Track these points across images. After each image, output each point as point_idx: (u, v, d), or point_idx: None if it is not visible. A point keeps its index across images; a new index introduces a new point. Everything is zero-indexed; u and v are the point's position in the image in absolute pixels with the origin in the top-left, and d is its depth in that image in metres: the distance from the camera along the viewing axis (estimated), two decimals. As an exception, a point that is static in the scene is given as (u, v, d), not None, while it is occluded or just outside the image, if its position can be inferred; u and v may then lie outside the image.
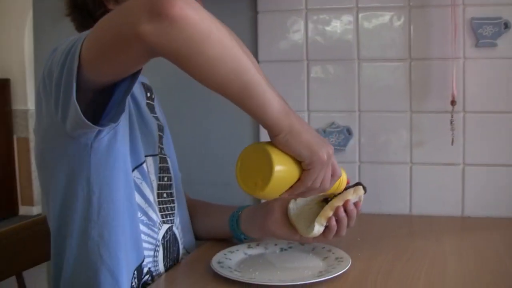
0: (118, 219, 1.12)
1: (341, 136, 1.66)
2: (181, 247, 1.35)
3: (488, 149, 1.59)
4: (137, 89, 1.28)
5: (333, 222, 1.21)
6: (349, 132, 1.66)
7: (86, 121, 0.98)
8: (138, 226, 1.17)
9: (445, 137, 1.58)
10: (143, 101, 1.30)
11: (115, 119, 1.04)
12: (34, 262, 1.43)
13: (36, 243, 1.41)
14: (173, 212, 1.32)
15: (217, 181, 1.74)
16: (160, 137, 1.33)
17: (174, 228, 1.32)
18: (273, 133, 1.01)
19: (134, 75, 1.01)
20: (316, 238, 1.24)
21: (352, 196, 1.23)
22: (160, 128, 1.33)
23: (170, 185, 1.33)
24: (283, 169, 1.01)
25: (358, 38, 1.65)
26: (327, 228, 1.22)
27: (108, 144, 1.08)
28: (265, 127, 1.01)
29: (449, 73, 1.57)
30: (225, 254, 1.29)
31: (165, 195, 1.31)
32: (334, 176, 1.09)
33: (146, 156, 1.23)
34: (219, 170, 1.71)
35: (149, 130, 1.27)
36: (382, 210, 1.66)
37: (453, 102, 1.55)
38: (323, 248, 1.30)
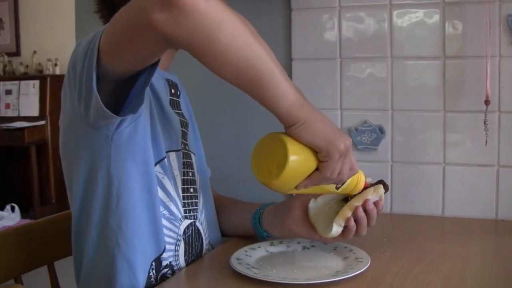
0: (137, 210, 1.15)
1: (373, 135, 1.64)
2: (205, 242, 1.37)
3: (524, 150, 1.54)
4: (160, 86, 1.30)
5: (352, 223, 1.20)
6: (381, 131, 1.64)
7: (106, 110, 1.02)
8: (159, 219, 1.19)
9: (479, 138, 1.54)
10: (166, 97, 1.31)
11: (134, 110, 1.07)
12: (66, 253, 1.47)
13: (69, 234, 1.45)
14: (196, 208, 1.34)
15: (247, 179, 1.74)
16: (184, 133, 1.34)
17: (198, 224, 1.34)
18: (286, 124, 1.01)
19: (153, 66, 1.04)
20: (335, 238, 1.23)
21: (372, 195, 1.21)
22: (184, 124, 1.34)
23: (194, 181, 1.35)
24: (298, 159, 1.01)
25: (392, 36, 1.62)
26: (345, 228, 1.21)
27: (128, 136, 1.11)
28: (279, 117, 1.01)
29: (484, 71, 1.52)
30: (246, 251, 1.30)
31: (190, 190, 1.32)
32: (352, 169, 1.08)
33: (168, 151, 1.25)
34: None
35: (171, 125, 1.28)
36: (414, 211, 1.63)
37: (487, 102, 1.51)
38: (345, 247, 1.29)
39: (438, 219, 1.60)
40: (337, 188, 1.15)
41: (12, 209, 4.54)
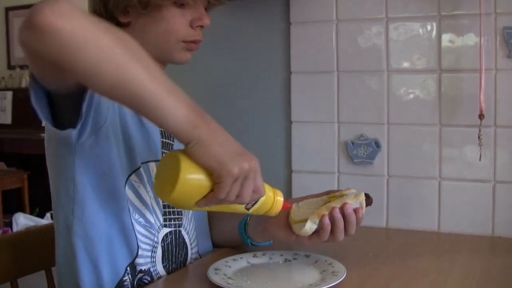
0: (103, 218, 1.19)
1: (369, 148, 1.63)
2: (191, 251, 1.38)
3: (521, 165, 1.51)
4: None
5: (326, 221, 1.19)
6: (377, 144, 1.62)
7: (46, 122, 1.06)
8: (128, 225, 1.22)
9: (475, 152, 1.51)
10: None
11: (72, 124, 1.09)
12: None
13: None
14: (180, 216, 1.35)
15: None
16: (166, 144, 1.35)
17: (183, 232, 1.35)
18: (181, 142, 1.00)
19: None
20: (311, 239, 1.23)
21: (352, 200, 1.21)
22: (166, 135, 1.36)
23: None
24: (190, 177, 0.99)
25: (388, 49, 1.61)
26: (320, 228, 1.20)
27: (90, 147, 1.15)
28: (172, 135, 1.02)
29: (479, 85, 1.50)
30: (226, 262, 1.30)
31: None
32: (256, 192, 1.05)
33: (146, 162, 1.28)
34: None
35: (150, 137, 1.30)
36: (410, 226, 1.61)
37: (481, 116, 1.48)
38: (325, 261, 1.29)
39: (433, 235, 1.57)
40: (247, 209, 1.13)
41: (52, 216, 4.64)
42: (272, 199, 1.15)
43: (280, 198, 1.16)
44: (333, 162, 1.69)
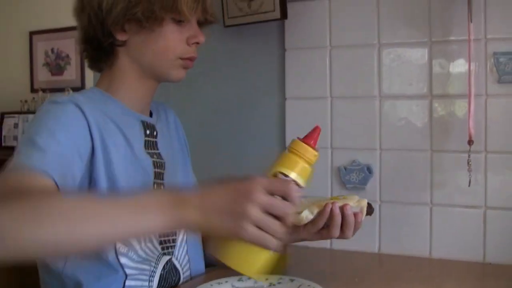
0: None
1: (361, 174, 1.63)
2: (183, 275, 1.39)
3: (512, 191, 1.50)
4: (134, 129, 1.33)
5: (327, 209, 1.21)
6: (369, 170, 1.63)
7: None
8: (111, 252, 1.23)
9: (465, 178, 1.51)
10: (140, 140, 1.34)
11: None
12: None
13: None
14: (173, 244, 1.37)
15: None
16: (158, 174, 1.36)
17: (174, 260, 1.37)
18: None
19: None
20: (305, 229, 1.25)
21: (354, 203, 1.23)
22: (158, 165, 1.36)
23: None
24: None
25: (380, 75, 1.62)
26: (318, 218, 1.22)
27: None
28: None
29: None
30: (211, 285, 1.31)
31: None
32: (279, 207, 0.95)
33: None
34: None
35: (143, 168, 1.31)
36: (402, 251, 1.61)
37: (470, 142, 1.48)
38: (309, 285, 1.29)
39: (424, 261, 1.57)
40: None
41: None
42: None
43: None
44: (327, 187, 1.69)
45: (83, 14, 1.29)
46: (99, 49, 1.31)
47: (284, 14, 1.67)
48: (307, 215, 1.22)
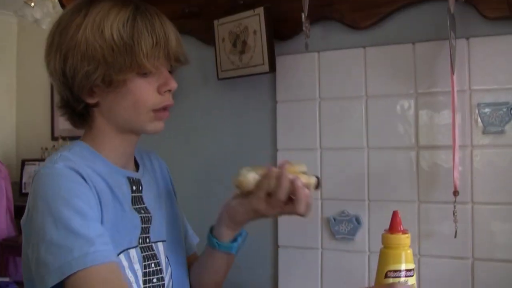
0: None
1: (350, 225, 1.64)
2: None
3: (500, 243, 1.49)
4: (122, 187, 1.34)
5: (274, 169, 1.28)
6: (358, 221, 1.63)
7: None
8: None
9: (452, 229, 1.50)
10: (128, 197, 1.35)
11: None
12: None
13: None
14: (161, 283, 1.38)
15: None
16: (145, 229, 1.37)
17: None
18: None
19: None
20: (255, 192, 1.30)
21: (303, 177, 1.28)
22: (145, 220, 1.38)
23: (158, 271, 1.38)
24: None
25: (367, 126, 1.64)
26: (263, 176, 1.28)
27: None
28: None
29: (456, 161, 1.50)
30: None
31: (153, 280, 1.36)
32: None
33: (126, 249, 1.30)
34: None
35: (131, 224, 1.33)
36: (391, 304, 1.59)
37: (455, 193, 1.49)
38: None
39: (413, 313, 1.55)
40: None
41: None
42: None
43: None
44: (317, 238, 1.70)
45: (53, 79, 1.31)
46: (75, 112, 1.33)
47: (272, 68, 1.70)
48: (254, 176, 1.28)
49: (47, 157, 1.31)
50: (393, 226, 1.20)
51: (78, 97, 1.29)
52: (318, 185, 1.31)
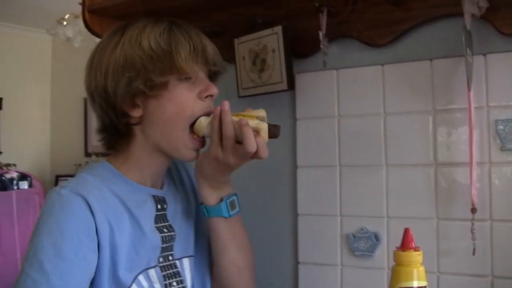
0: None
1: (369, 242, 1.64)
2: None
3: (520, 260, 1.47)
4: (143, 209, 1.36)
5: (217, 108, 1.30)
6: (377, 238, 1.63)
7: None
8: None
9: (471, 247, 1.49)
10: (150, 216, 1.37)
11: None
12: None
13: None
14: None
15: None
16: (166, 248, 1.38)
17: None
18: None
19: None
20: (212, 145, 1.31)
21: (252, 120, 1.29)
22: (167, 239, 1.39)
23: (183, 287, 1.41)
24: None
25: (386, 144, 1.64)
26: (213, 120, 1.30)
27: None
28: None
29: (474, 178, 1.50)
30: None
31: None
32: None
33: (146, 269, 1.32)
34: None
35: (150, 244, 1.34)
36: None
37: (473, 210, 1.48)
38: None
39: (432, 331, 1.55)
40: None
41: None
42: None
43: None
44: (336, 255, 1.70)
45: (95, 104, 1.35)
46: (116, 133, 1.35)
47: (291, 85, 1.72)
48: (205, 119, 1.30)
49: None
50: (405, 243, 1.20)
51: (121, 112, 1.31)
52: (273, 132, 1.32)
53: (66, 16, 4.42)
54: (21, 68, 5.97)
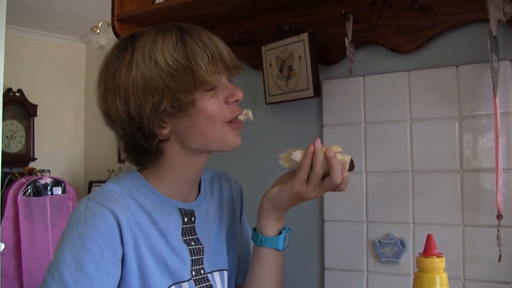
0: None
1: (394, 248, 1.64)
2: None
3: (547, 268, 1.46)
4: (169, 221, 1.34)
5: (310, 148, 1.30)
6: (402, 244, 1.63)
7: None
8: None
9: (497, 253, 1.49)
10: (177, 229, 1.35)
11: None
12: None
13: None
14: None
15: None
16: (196, 261, 1.37)
17: None
18: None
19: None
20: (298, 172, 1.32)
21: (337, 155, 1.30)
22: (196, 252, 1.37)
23: None
24: None
25: (412, 150, 1.65)
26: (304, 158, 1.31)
27: None
28: None
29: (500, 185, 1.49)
30: None
31: None
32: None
33: (176, 283, 1.31)
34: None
35: (179, 259, 1.33)
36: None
37: (499, 216, 1.47)
38: None
39: (458, 338, 1.54)
40: None
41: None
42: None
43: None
44: (362, 261, 1.71)
45: (115, 126, 1.31)
46: (144, 153, 1.31)
47: (317, 92, 1.73)
48: (298, 153, 1.31)
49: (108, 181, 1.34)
50: (428, 250, 1.21)
51: (150, 134, 1.27)
52: (352, 165, 1.33)
53: (99, 24, 4.49)
54: (56, 76, 6.08)
